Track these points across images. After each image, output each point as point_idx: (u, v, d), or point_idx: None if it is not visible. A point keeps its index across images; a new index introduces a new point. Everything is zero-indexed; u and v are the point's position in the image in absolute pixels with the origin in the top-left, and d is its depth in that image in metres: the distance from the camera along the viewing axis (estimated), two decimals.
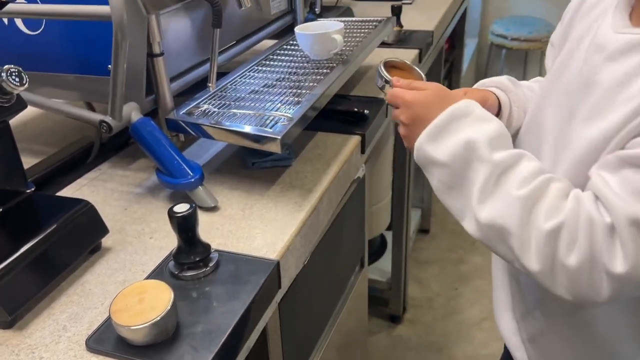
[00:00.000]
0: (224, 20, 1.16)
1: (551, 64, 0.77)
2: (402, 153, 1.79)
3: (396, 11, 1.58)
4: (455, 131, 0.64)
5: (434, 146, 0.65)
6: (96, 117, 0.85)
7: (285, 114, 0.86)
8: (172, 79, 0.98)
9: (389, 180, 1.86)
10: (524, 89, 0.83)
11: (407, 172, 1.85)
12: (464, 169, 0.63)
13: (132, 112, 0.88)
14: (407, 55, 1.52)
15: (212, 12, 0.84)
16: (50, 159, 1.02)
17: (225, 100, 0.96)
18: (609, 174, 0.56)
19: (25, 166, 0.79)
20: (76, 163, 1.02)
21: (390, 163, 1.83)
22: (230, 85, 1.02)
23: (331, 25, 1.11)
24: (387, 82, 0.76)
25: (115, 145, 1.07)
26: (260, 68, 1.11)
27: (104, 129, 0.84)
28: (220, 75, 1.17)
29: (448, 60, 2.48)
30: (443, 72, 2.13)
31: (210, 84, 0.89)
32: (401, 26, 1.64)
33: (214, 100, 0.95)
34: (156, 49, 0.88)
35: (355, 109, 1.17)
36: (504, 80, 0.82)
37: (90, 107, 1.05)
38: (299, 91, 0.97)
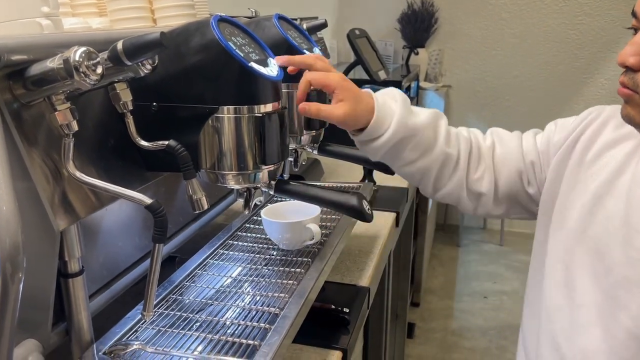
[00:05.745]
0: (173, 200, 0.95)
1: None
2: (377, 346, 1.54)
3: (367, 171, 1.43)
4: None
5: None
6: None
7: None
8: (95, 293, 0.73)
9: None
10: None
11: None
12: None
13: (29, 358, 0.61)
14: (384, 219, 1.34)
15: (153, 222, 0.62)
16: None
17: (166, 325, 0.71)
18: None
19: None
20: None
21: None
22: (174, 295, 0.78)
23: (306, 210, 0.91)
24: None
25: None
26: (215, 262, 0.88)
27: None
28: (166, 262, 0.93)
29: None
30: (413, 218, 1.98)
31: (144, 313, 0.65)
32: (374, 183, 1.48)
33: (150, 326, 0.71)
34: (73, 268, 0.64)
35: (333, 307, 0.94)
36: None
37: None
38: (265, 308, 0.74)
